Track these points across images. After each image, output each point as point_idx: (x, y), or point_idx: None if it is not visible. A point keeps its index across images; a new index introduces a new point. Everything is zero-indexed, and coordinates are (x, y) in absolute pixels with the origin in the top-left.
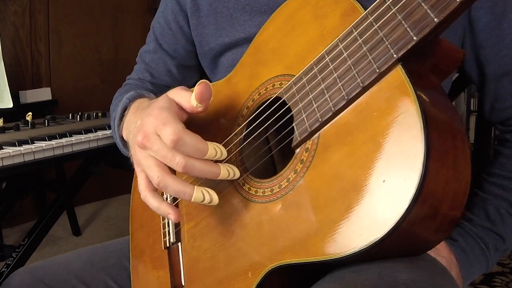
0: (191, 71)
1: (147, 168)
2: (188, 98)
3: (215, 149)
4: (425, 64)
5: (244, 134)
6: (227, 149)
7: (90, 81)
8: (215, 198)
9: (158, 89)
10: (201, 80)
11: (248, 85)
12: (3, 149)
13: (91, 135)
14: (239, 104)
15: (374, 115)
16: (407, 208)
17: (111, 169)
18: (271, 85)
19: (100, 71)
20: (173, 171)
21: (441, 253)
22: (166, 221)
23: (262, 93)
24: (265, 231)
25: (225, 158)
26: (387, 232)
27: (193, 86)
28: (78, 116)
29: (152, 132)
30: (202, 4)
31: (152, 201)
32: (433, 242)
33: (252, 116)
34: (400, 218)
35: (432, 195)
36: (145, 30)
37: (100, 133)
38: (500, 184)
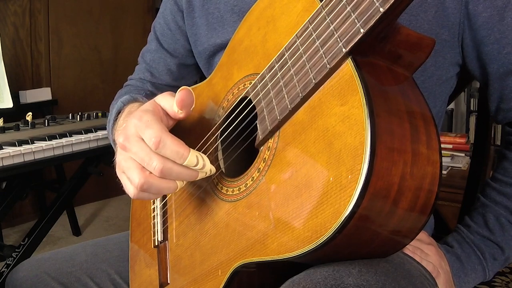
0: (191, 70)
1: (127, 170)
2: (172, 103)
3: (197, 157)
4: (384, 56)
5: (218, 133)
6: (204, 148)
7: (90, 81)
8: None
9: (158, 89)
10: (182, 87)
11: (224, 85)
12: (3, 149)
13: (91, 135)
14: (217, 104)
15: (325, 112)
16: (355, 204)
17: (111, 169)
18: (242, 84)
19: (100, 71)
20: None
21: (430, 258)
22: (155, 220)
23: (235, 93)
24: (232, 230)
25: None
26: (335, 231)
27: (194, 85)
28: (78, 116)
29: (133, 134)
30: (196, 5)
31: (147, 193)
32: (400, 240)
33: (225, 116)
34: (347, 215)
35: (384, 190)
36: (145, 30)
37: (100, 133)
38: (501, 190)
